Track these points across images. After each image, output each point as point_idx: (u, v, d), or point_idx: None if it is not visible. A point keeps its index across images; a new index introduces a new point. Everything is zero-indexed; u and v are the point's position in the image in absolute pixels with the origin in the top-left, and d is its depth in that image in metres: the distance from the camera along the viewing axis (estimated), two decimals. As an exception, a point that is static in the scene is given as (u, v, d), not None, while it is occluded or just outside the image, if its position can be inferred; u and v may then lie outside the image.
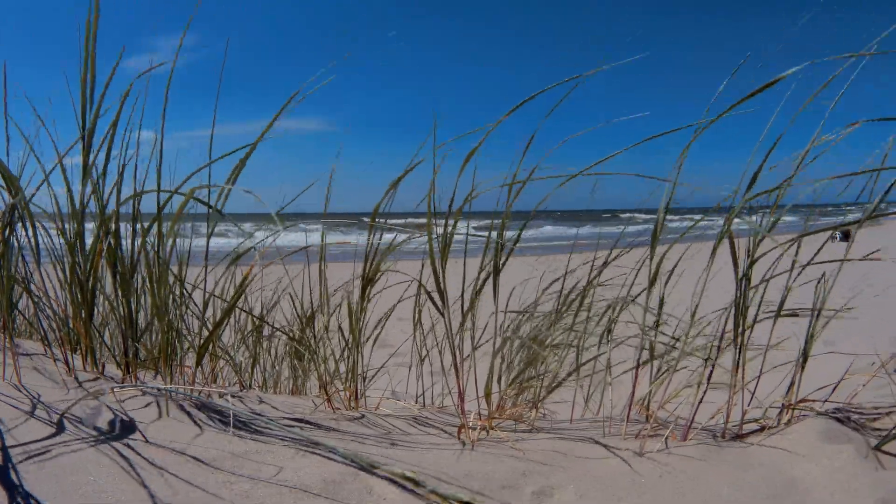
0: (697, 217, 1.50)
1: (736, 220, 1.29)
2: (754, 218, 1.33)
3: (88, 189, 1.40)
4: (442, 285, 1.42)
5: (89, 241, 1.42)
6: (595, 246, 1.74)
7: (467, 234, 1.43)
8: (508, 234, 1.46)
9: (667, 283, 1.45)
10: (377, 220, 1.50)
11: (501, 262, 1.46)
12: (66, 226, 1.44)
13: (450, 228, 1.39)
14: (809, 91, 1.20)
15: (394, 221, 1.52)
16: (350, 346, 1.67)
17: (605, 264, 1.64)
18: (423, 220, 1.36)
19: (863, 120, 1.24)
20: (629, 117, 1.36)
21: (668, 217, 1.36)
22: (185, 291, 1.49)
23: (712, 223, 1.43)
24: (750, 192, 1.29)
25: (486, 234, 1.44)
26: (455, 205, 1.37)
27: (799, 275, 1.35)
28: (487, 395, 1.53)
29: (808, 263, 1.36)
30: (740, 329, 1.36)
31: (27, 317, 1.88)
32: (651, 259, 1.40)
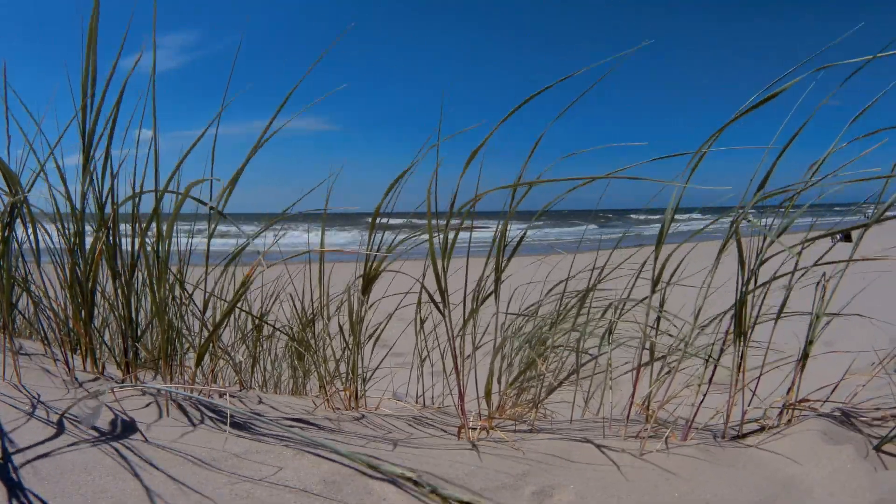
0: (703, 217, 1.50)
1: (744, 222, 1.30)
2: (765, 221, 1.34)
3: (87, 188, 1.40)
4: (443, 285, 1.42)
5: (89, 240, 1.42)
6: (599, 245, 1.74)
7: (471, 234, 1.43)
8: (512, 234, 1.46)
9: (669, 282, 1.45)
10: (378, 219, 1.50)
11: (504, 263, 1.46)
12: (66, 225, 1.44)
13: (451, 230, 1.39)
14: (825, 92, 1.22)
15: (396, 221, 1.52)
16: (350, 346, 1.67)
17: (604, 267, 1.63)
18: (425, 221, 1.36)
19: (881, 129, 1.26)
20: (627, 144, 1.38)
21: (676, 216, 1.37)
22: (185, 291, 1.49)
23: (719, 225, 1.44)
24: (760, 194, 1.29)
25: (491, 235, 1.44)
26: (456, 205, 1.36)
27: (802, 276, 1.35)
28: (488, 395, 1.53)
29: (815, 264, 1.36)
30: (741, 329, 1.36)
31: (27, 317, 1.88)
32: (655, 260, 1.40)
